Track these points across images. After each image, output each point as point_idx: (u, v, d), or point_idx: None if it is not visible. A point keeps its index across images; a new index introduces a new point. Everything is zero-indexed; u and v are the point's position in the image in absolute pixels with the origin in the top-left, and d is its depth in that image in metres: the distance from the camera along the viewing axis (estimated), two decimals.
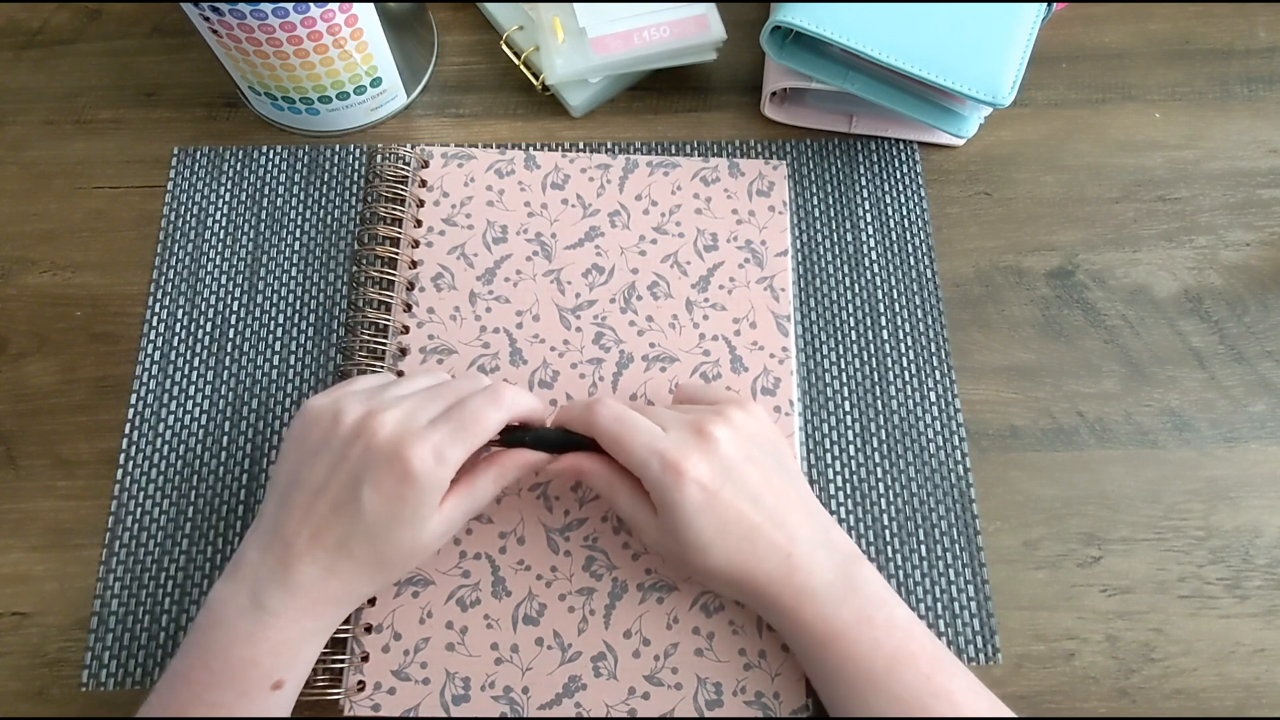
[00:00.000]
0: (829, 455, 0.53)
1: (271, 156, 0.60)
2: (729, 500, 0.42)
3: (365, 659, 0.48)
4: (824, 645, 0.43)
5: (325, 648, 0.48)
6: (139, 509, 0.51)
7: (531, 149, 0.60)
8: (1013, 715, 0.42)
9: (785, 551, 0.43)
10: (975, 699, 0.42)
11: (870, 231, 0.59)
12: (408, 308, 0.55)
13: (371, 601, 0.49)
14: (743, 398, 0.48)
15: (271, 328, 0.56)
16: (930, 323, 0.56)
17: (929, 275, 0.57)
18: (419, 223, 0.57)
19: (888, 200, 0.60)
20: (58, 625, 0.49)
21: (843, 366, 0.55)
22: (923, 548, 0.51)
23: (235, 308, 0.56)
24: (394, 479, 0.41)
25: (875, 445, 0.54)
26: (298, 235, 0.58)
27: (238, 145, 0.60)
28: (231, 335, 0.55)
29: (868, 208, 0.59)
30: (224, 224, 0.58)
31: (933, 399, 0.54)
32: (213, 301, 0.56)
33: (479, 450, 0.43)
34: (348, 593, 0.43)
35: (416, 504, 0.41)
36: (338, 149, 0.60)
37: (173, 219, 0.58)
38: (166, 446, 0.53)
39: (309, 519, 0.42)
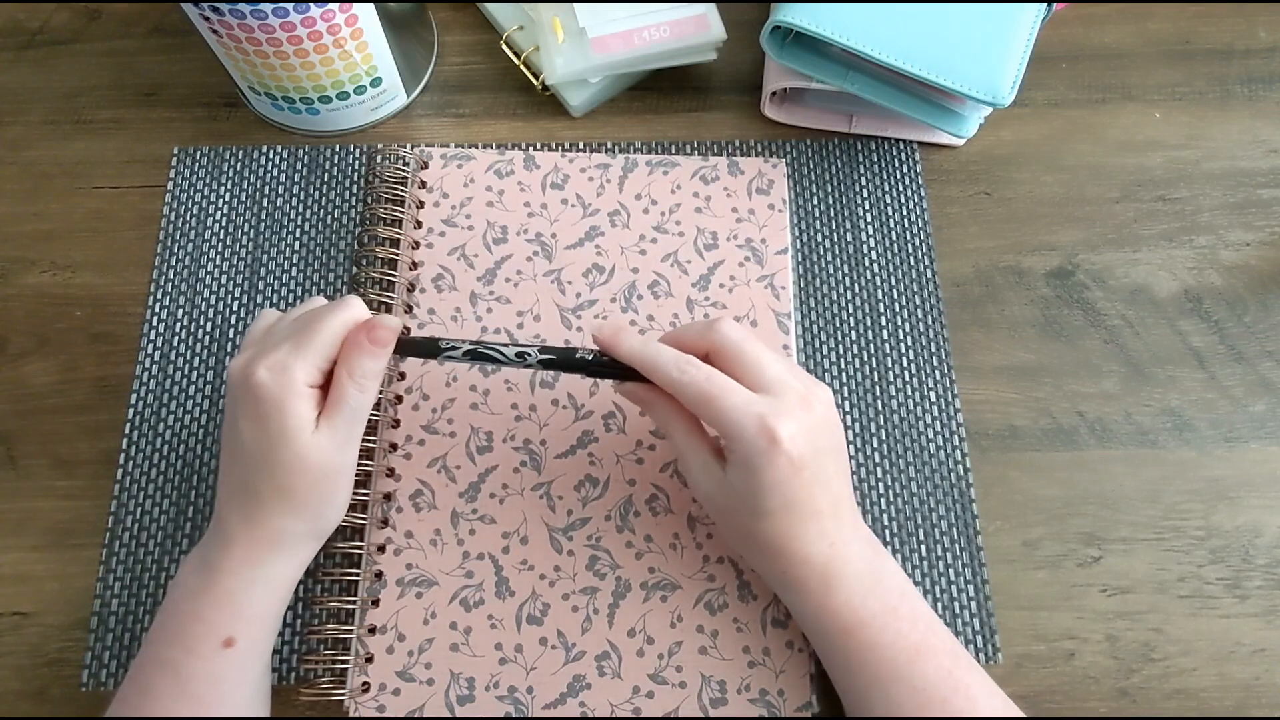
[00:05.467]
0: None
1: (271, 156, 0.60)
2: (807, 481, 0.42)
3: (370, 660, 0.48)
4: (848, 634, 0.43)
5: (329, 649, 0.48)
6: (139, 509, 0.51)
7: (531, 149, 0.60)
8: (1024, 716, 0.43)
9: (830, 540, 0.43)
10: (991, 697, 0.42)
11: (870, 231, 0.59)
12: (409, 309, 0.55)
13: (376, 603, 0.49)
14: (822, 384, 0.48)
15: None
16: (930, 323, 0.56)
17: (929, 275, 0.58)
18: (419, 224, 0.57)
19: (888, 200, 0.60)
20: (58, 625, 0.49)
21: (843, 366, 0.55)
22: (923, 548, 0.51)
23: (235, 308, 0.56)
24: (251, 402, 0.42)
25: (875, 445, 0.54)
26: (298, 235, 0.58)
27: (238, 145, 0.60)
28: (231, 335, 0.55)
29: (868, 208, 0.59)
30: (224, 224, 0.58)
31: (933, 399, 0.55)
32: (213, 301, 0.56)
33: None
34: (276, 533, 0.43)
35: (279, 419, 0.41)
36: (338, 149, 0.60)
37: (173, 219, 0.58)
38: (166, 446, 0.53)
39: (224, 472, 0.45)
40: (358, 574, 0.49)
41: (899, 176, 0.60)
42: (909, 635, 0.42)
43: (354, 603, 0.49)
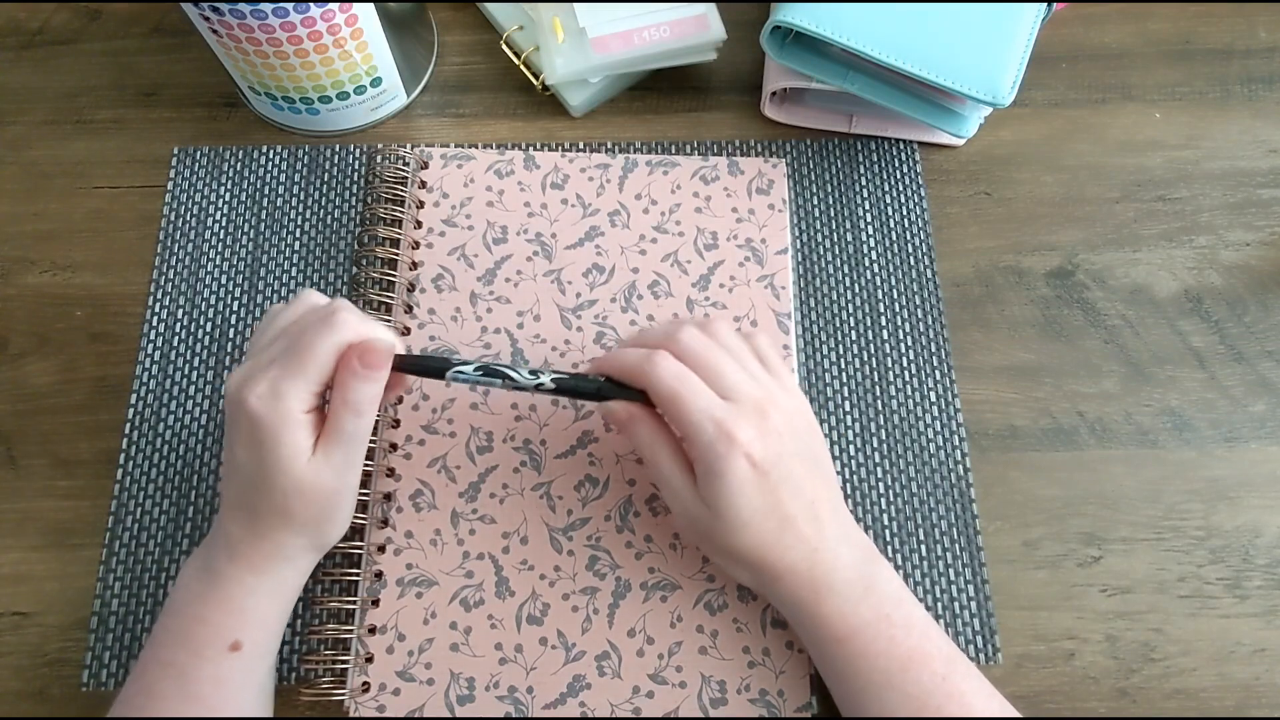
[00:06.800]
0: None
1: (271, 156, 0.60)
2: (773, 485, 0.42)
3: (370, 660, 0.48)
4: (841, 642, 0.43)
5: (329, 649, 0.48)
6: (139, 509, 0.51)
7: (531, 149, 0.60)
8: (1021, 718, 0.43)
9: (812, 546, 0.43)
10: (987, 701, 0.42)
11: (870, 231, 0.59)
12: (409, 309, 0.55)
13: (376, 603, 0.49)
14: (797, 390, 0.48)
15: None
16: (930, 323, 0.56)
17: (929, 275, 0.58)
18: (419, 224, 0.57)
19: (888, 200, 0.60)
20: (58, 625, 0.49)
21: (843, 366, 0.55)
22: (923, 548, 0.51)
23: (235, 308, 0.56)
24: (247, 427, 0.41)
25: (875, 445, 0.54)
26: (298, 235, 0.58)
27: (238, 145, 0.60)
28: (231, 335, 0.55)
29: (868, 208, 0.59)
30: (224, 224, 0.58)
31: (933, 399, 0.55)
32: (213, 301, 0.56)
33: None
34: (278, 547, 0.43)
35: (272, 445, 0.41)
36: (338, 149, 0.60)
37: (173, 219, 0.58)
38: (166, 446, 0.53)
39: (225, 483, 0.44)
40: (358, 574, 0.49)
41: (899, 176, 0.60)
42: (903, 643, 0.42)
43: (354, 603, 0.49)
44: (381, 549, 0.50)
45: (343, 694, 0.47)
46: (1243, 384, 0.55)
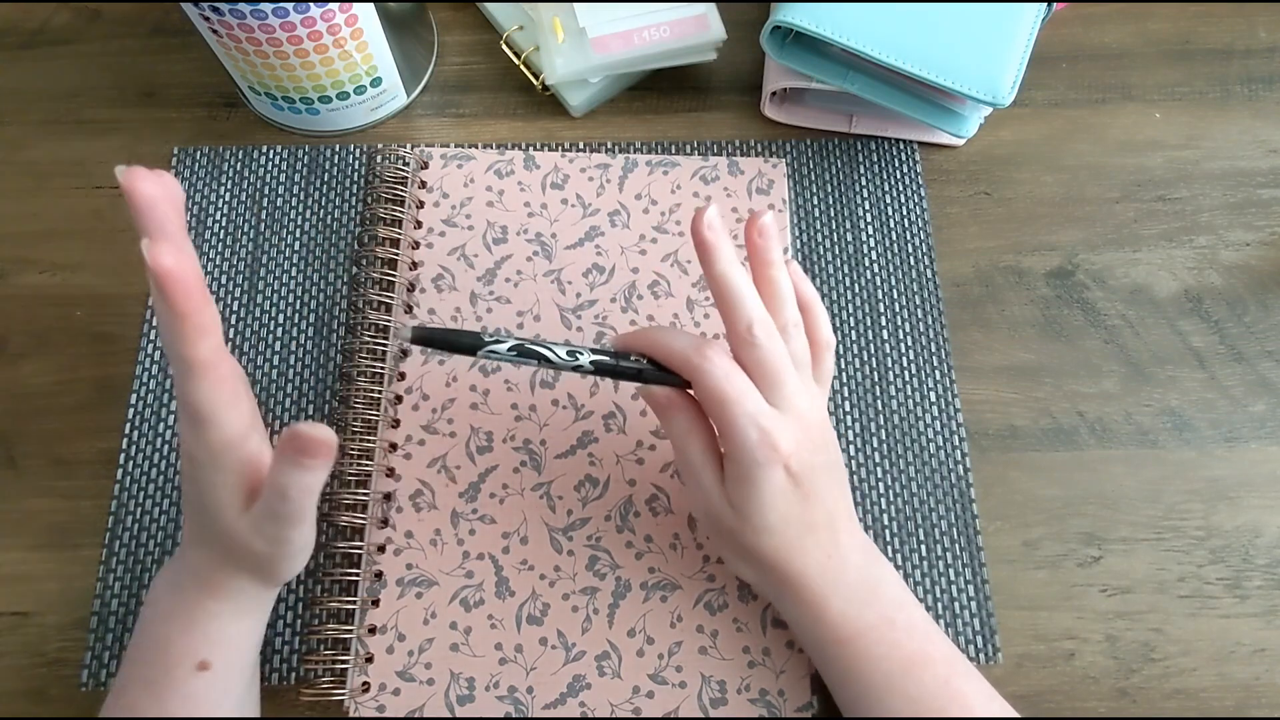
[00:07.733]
0: None
1: (271, 156, 0.60)
2: (804, 495, 0.42)
3: (369, 660, 0.48)
4: (843, 644, 0.42)
5: (329, 649, 0.48)
6: (139, 509, 0.51)
7: (531, 149, 0.60)
8: (1022, 718, 0.43)
9: (826, 553, 0.43)
10: (988, 703, 0.42)
11: (870, 231, 0.59)
12: (409, 309, 0.55)
13: (376, 603, 0.49)
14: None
15: (271, 328, 0.55)
16: (930, 323, 0.56)
17: (929, 275, 0.58)
18: (419, 224, 0.57)
19: (888, 200, 0.60)
20: (58, 625, 0.49)
21: (843, 366, 0.55)
22: (923, 548, 0.51)
23: (235, 308, 0.56)
24: (185, 465, 0.39)
25: (875, 445, 0.54)
26: (298, 235, 0.58)
27: (238, 145, 0.60)
28: (231, 335, 0.55)
29: (868, 208, 0.59)
30: (224, 224, 0.58)
31: (933, 399, 0.55)
32: (213, 301, 0.56)
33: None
34: (230, 578, 0.41)
35: (207, 487, 0.38)
36: (338, 149, 0.60)
37: None
38: (166, 446, 0.53)
39: (185, 510, 0.42)
40: (358, 574, 0.49)
41: (899, 176, 0.60)
42: (905, 645, 0.42)
43: (354, 603, 0.49)
44: (381, 549, 0.50)
45: (343, 694, 0.47)
46: (1243, 384, 0.55)
